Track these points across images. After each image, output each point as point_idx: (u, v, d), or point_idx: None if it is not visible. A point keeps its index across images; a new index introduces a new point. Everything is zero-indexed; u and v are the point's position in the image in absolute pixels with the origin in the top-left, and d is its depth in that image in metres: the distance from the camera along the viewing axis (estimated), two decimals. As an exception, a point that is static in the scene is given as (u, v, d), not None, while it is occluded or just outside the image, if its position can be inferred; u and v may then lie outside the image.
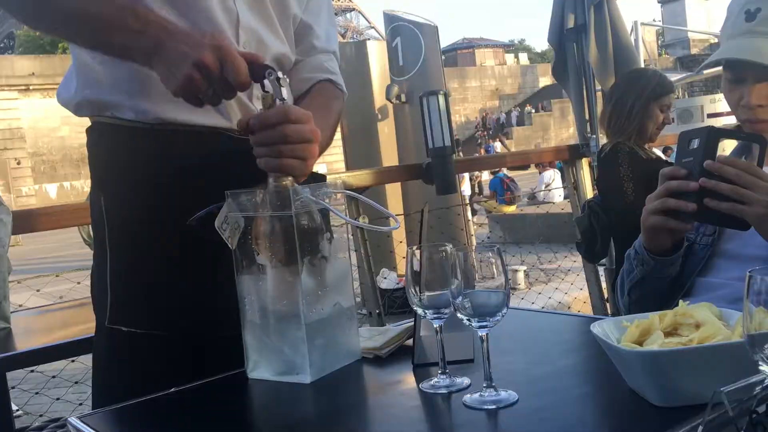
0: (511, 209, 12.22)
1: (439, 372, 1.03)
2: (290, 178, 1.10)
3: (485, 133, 36.21)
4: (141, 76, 1.16)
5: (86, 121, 1.29)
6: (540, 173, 14.42)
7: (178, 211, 1.16)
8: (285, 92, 1.10)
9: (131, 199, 1.22)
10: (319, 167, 1.32)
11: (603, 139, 3.85)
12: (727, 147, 1.41)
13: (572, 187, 4.14)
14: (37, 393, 3.08)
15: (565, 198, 10.57)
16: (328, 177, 1.36)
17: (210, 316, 1.22)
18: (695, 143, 1.22)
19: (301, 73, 1.38)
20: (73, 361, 2.24)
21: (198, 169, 1.20)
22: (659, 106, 2.86)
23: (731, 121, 1.47)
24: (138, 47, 1.08)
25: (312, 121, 1.12)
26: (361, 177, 3.33)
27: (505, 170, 14.05)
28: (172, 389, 1.12)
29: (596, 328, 0.95)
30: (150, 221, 1.21)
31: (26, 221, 2.46)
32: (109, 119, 1.22)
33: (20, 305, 2.78)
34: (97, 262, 1.27)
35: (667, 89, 2.92)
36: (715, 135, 1.21)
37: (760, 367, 0.71)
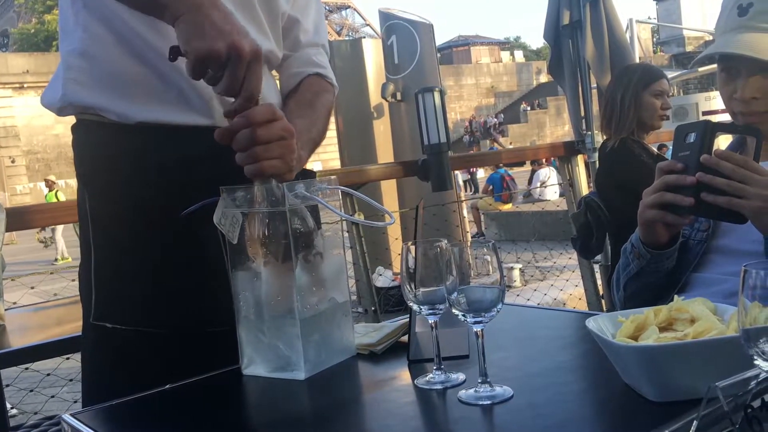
0: (507, 207, 12.20)
1: (435, 368, 1.03)
2: (274, 181, 1.10)
3: (473, 135, 35.84)
4: (125, 78, 1.17)
5: (81, 120, 1.26)
6: (535, 171, 14.42)
7: (161, 208, 1.17)
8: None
9: (114, 196, 1.21)
10: (314, 165, 1.32)
11: (598, 136, 3.86)
12: (722, 141, 1.42)
13: (567, 183, 4.15)
14: (31, 391, 3.07)
15: (560, 195, 10.58)
16: (323, 174, 1.36)
17: (196, 312, 1.21)
18: (692, 137, 1.22)
19: (290, 69, 1.38)
20: (67, 358, 2.23)
21: (181, 165, 1.20)
22: (651, 94, 2.86)
23: (726, 118, 1.48)
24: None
25: (282, 118, 1.11)
26: (356, 174, 3.33)
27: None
28: (167, 386, 1.12)
29: (591, 324, 0.95)
30: (133, 218, 1.20)
31: (20, 218, 2.45)
32: (93, 116, 1.21)
33: (14, 303, 2.77)
34: (83, 259, 1.26)
35: (655, 75, 2.92)
36: (712, 129, 1.21)
37: (755, 362, 0.71)
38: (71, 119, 1.26)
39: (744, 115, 1.35)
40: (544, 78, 40.73)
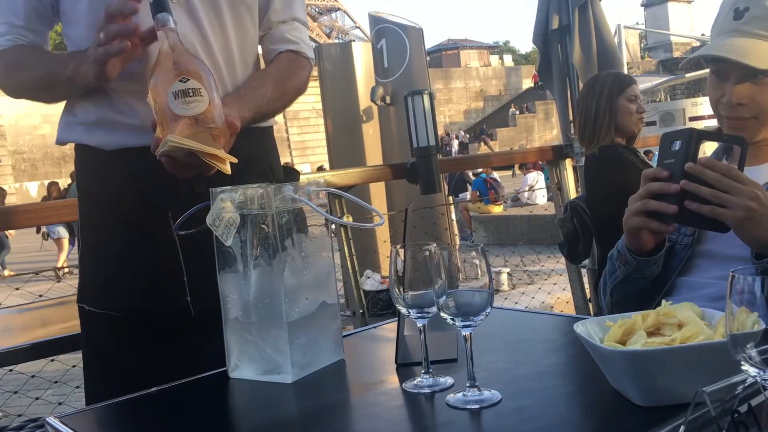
0: (498, 209, 12.20)
1: (423, 372, 1.03)
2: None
3: (445, 149, 34.68)
4: (98, 122, 1.35)
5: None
6: (524, 175, 14.45)
7: (123, 212, 1.34)
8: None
9: (91, 201, 1.40)
10: (302, 167, 1.33)
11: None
12: (708, 147, 1.42)
13: (556, 187, 4.16)
14: (15, 393, 3.04)
15: (548, 200, 10.62)
16: (312, 176, 1.36)
17: (154, 300, 1.34)
18: (677, 145, 1.23)
19: (265, 46, 1.45)
20: (52, 360, 2.22)
21: (137, 178, 1.32)
22: (626, 98, 2.87)
23: (713, 124, 1.48)
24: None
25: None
26: (345, 176, 3.32)
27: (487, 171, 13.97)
28: (153, 389, 1.12)
29: (579, 328, 0.95)
30: (102, 218, 1.37)
31: (6, 218, 2.43)
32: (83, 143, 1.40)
33: (-1, 304, 2.74)
34: (78, 251, 1.49)
35: (627, 81, 2.94)
36: (697, 137, 1.22)
37: (742, 367, 0.71)
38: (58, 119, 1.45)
39: (729, 119, 1.36)
40: (532, 82, 40.84)
